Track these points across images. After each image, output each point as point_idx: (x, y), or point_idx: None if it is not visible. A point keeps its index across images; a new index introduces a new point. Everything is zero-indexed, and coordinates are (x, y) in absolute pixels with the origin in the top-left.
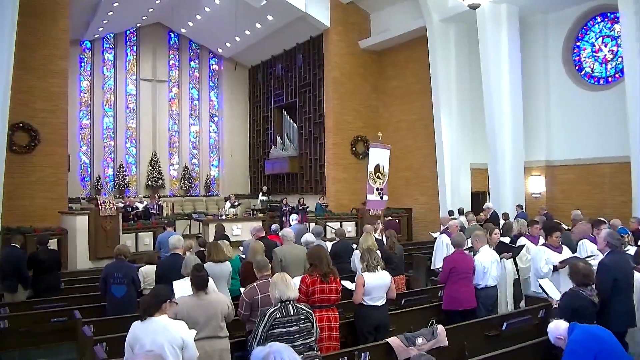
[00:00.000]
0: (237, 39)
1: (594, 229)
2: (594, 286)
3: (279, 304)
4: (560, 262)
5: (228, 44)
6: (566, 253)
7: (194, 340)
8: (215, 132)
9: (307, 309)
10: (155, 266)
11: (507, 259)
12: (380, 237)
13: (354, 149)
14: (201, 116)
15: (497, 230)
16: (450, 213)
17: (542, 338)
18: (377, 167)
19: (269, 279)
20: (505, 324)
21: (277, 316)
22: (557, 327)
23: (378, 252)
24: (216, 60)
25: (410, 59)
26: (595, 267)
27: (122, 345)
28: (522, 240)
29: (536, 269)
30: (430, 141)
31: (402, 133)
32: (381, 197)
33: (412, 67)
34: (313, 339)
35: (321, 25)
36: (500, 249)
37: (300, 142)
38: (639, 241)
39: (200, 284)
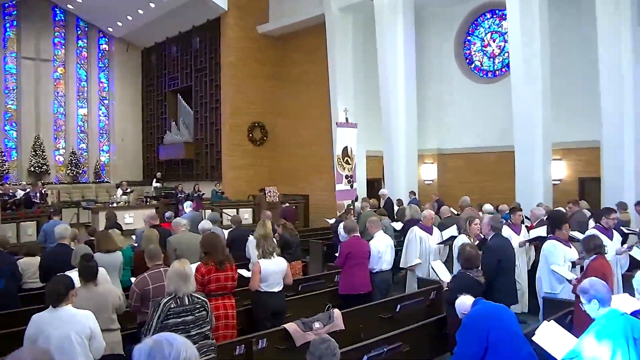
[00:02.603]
0: (129, 18)
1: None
2: (479, 267)
3: (174, 293)
4: (579, 258)
5: (119, 23)
6: (574, 247)
7: None
8: (105, 116)
9: (202, 298)
10: (37, 258)
11: None
12: None
13: (251, 135)
14: (90, 98)
15: (477, 221)
16: (399, 202)
17: (433, 318)
18: (345, 150)
19: (162, 269)
20: (398, 306)
21: (172, 306)
22: (463, 303)
23: (274, 239)
24: (106, 40)
25: (310, 46)
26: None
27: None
28: (505, 231)
29: (552, 268)
30: (328, 128)
31: (302, 119)
32: (351, 186)
33: (312, 54)
34: (208, 327)
35: (218, 8)
36: (482, 245)
37: (195, 128)
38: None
39: (88, 275)
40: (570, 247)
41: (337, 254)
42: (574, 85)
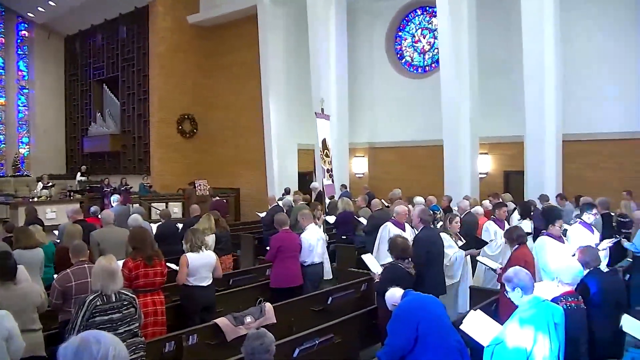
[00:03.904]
0: (52, 3)
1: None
2: (410, 259)
3: (100, 291)
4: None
5: (41, 9)
6: (567, 243)
7: None
8: (24, 106)
9: (130, 294)
10: None
11: (474, 255)
12: (320, 228)
13: (180, 127)
14: (8, 87)
15: (457, 219)
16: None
17: (364, 309)
18: (324, 142)
19: (86, 265)
20: (330, 298)
21: (98, 303)
22: (393, 295)
23: (213, 235)
24: (26, 25)
25: (241, 38)
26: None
27: None
28: (489, 226)
29: (544, 264)
30: (259, 121)
31: (233, 112)
32: (332, 181)
33: (243, 46)
34: (137, 325)
35: None
36: (470, 244)
37: (122, 119)
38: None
39: (6, 273)
40: (563, 243)
41: (268, 248)
42: (500, 82)
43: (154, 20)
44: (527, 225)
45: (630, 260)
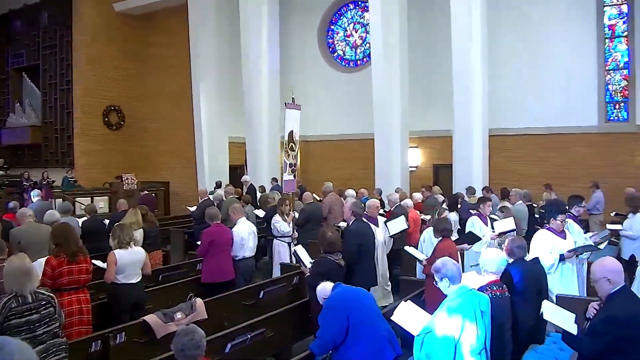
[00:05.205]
0: None
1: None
2: (340, 251)
3: (14, 292)
4: (568, 252)
5: None
6: (570, 239)
7: None
8: None
9: (48, 293)
10: None
11: (465, 250)
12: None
13: (107, 119)
14: None
15: (446, 213)
16: (262, 189)
17: (296, 303)
18: (291, 134)
19: (5, 264)
20: (262, 293)
21: (13, 306)
22: (324, 289)
23: (141, 230)
24: None
25: (171, 28)
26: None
27: None
28: (475, 221)
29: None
30: (189, 113)
31: (161, 104)
32: (294, 176)
33: (173, 36)
34: (57, 325)
35: None
36: (465, 239)
37: (44, 110)
38: (382, 209)
39: None
40: (565, 239)
41: (198, 242)
42: (430, 78)
43: (78, 7)
44: (453, 217)
45: None
